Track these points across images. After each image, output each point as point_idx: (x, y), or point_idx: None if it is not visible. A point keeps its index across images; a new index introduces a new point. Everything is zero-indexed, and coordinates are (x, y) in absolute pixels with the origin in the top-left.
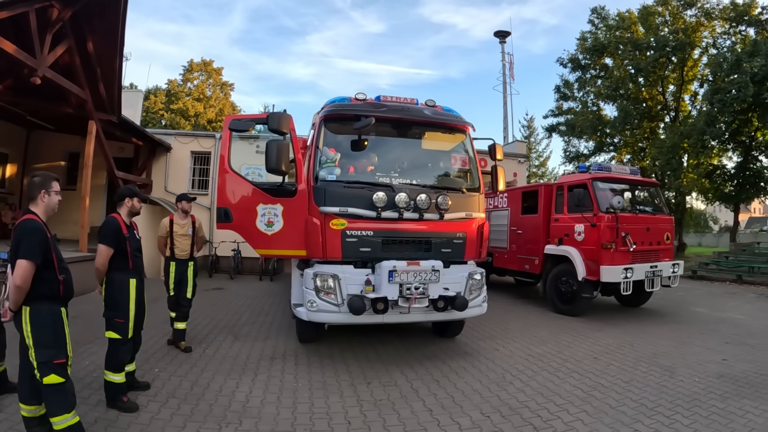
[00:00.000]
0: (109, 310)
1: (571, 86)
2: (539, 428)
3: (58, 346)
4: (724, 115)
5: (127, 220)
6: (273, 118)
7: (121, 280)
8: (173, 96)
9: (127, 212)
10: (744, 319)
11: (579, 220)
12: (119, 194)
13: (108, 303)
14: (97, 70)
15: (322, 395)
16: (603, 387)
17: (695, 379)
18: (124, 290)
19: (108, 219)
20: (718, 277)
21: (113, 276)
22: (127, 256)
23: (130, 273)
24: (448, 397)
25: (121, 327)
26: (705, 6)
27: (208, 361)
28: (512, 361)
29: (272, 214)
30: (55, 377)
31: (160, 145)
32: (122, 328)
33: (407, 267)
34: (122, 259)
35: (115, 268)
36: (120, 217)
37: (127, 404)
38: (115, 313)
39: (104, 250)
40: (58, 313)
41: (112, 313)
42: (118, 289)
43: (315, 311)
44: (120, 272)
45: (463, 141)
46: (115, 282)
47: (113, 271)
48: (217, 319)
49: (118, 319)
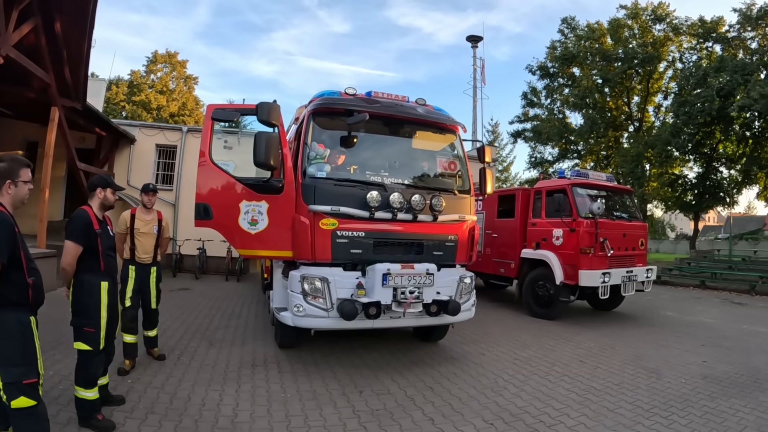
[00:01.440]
0: (78, 318)
1: (538, 93)
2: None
3: (27, 363)
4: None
5: (99, 214)
6: (263, 109)
7: (92, 283)
8: (135, 87)
9: (99, 205)
10: (714, 323)
11: (557, 224)
12: (91, 183)
13: (76, 309)
14: (64, 53)
15: (314, 406)
16: (596, 390)
17: (682, 381)
18: (94, 294)
19: (77, 212)
20: (681, 282)
21: (82, 278)
22: (99, 255)
23: (102, 275)
24: (446, 405)
25: (92, 337)
26: (674, 21)
27: (185, 370)
28: (500, 365)
29: (256, 211)
30: (25, 400)
31: (123, 136)
32: (93, 338)
33: (401, 270)
34: (93, 258)
35: (85, 268)
36: (91, 210)
37: (102, 423)
38: (84, 321)
39: (72, 248)
40: (27, 323)
41: (82, 320)
42: (88, 293)
43: (302, 316)
44: (90, 274)
45: (454, 142)
46: (84, 285)
47: (82, 272)
48: (188, 322)
49: (88, 328)
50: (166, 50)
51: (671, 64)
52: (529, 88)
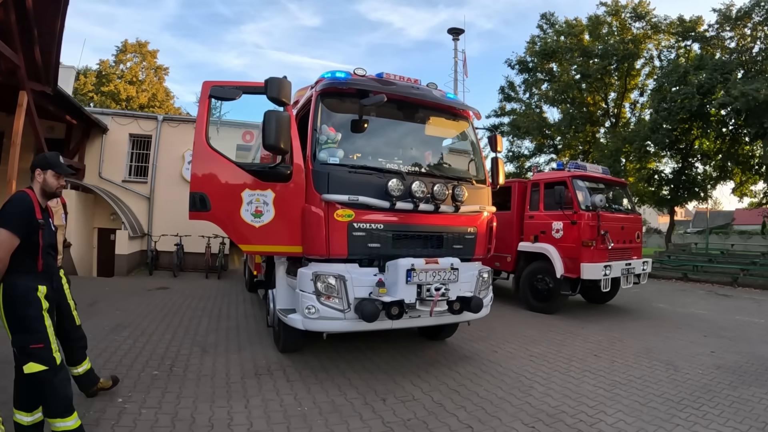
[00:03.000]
0: (18, 335)
1: (515, 88)
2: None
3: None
4: (668, 122)
5: (42, 202)
6: (273, 85)
7: (26, 287)
8: (104, 78)
9: (39, 191)
10: (707, 314)
11: (557, 217)
12: (32, 164)
13: (12, 324)
14: (35, 32)
15: (339, 420)
16: (621, 385)
17: (699, 371)
18: (31, 302)
19: (18, 194)
20: (663, 275)
21: (14, 282)
22: (38, 252)
23: (39, 278)
24: (479, 409)
25: (43, 354)
26: (653, 20)
27: (181, 384)
28: (517, 363)
29: (261, 201)
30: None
31: (95, 125)
32: (45, 355)
33: (426, 265)
34: (29, 256)
35: (18, 269)
36: (34, 195)
37: None
38: (27, 336)
39: (7, 239)
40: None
41: (24, 337)
42: (23, 302)
43: (315, 319)
44: (24, 276)
45: (468, 129)
46: (17, 291)
47: (15, 274)
48: (174, 325)
49: (36, 345)
50: (136, 40)
51: (648, 61)
52: (507, 82)
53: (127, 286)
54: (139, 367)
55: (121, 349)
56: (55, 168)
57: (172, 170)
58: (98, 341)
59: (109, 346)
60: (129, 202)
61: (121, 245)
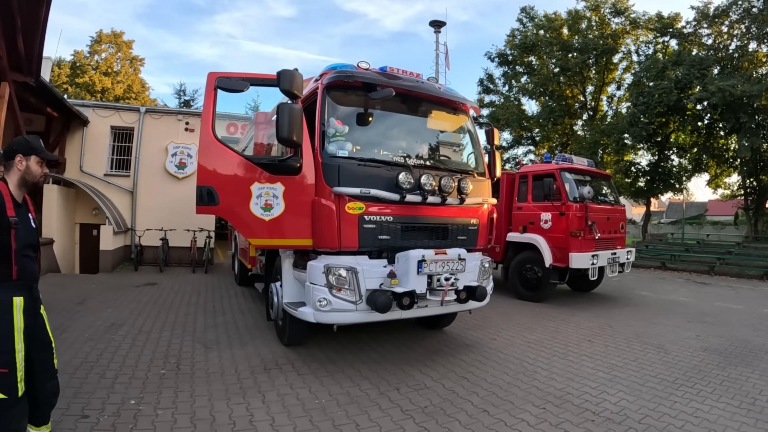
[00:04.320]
0: None
1: (494, 81)
2: (598, 412)
3: None
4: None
5: (17, 195)
6: (285, 77)
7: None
8: (79, 69)
9: (18, 180)
10: (689, 301)
11: (546, 208)
12: (8, 148)
13: None
14: (17, 20)
15: (358, 411)
16: (618, 367)
17: (688, 354)
18: (2, 317)
19: None
20: (642, 264)
21: None
22: (10, 255)
23: (13, 287)
24: (491, 394)
25: (5, 381)
26: (632, 15)
27: (192, 382)
28: (517, 349)
29: (271, 195)
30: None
31: (76, 117)
32: (6, 383)
33: (436, 256)
34: (1, 261)
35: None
36: (6, 188)
37: None
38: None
39: None
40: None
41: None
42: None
43: (327, 311)
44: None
45: (467, 122)
46: None
47: None
48: (170, 322)
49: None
50: (111, 30)
51: (626, 56)
52: (486, 75)
53: (114, 282)
54: (144, 367)
55: (122, 348)
56: (40, 153)
57: (156, 163)
58: (96, 341)
59: (109, 346)
60: (112, 197)
61: (106, 241)
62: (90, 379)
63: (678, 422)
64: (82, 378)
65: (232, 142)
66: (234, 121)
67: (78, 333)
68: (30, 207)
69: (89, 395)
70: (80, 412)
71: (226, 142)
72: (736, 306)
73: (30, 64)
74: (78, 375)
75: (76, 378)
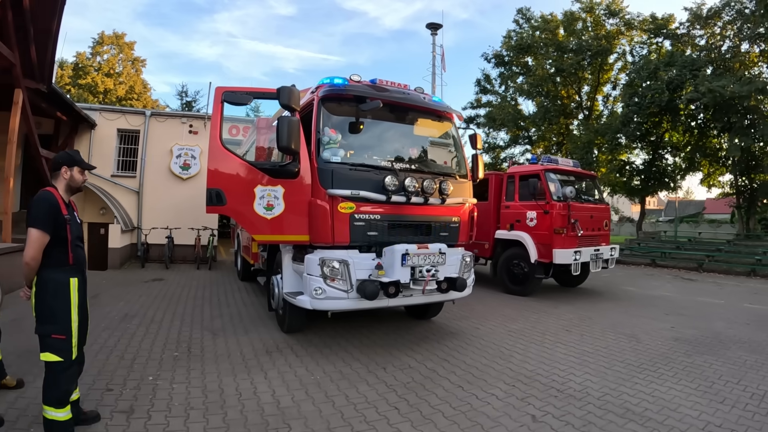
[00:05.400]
0: (44, 324)
1: (491, 81)
2: (562, 390)
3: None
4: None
5: (66, 198)
6: (284, 93)
7: (58, 281)
8: (81, 70)
9: (65, 186)
10: (671, 296)
11: (531, 207)
12: (54, 161)
13: (41, 314)
14: (31, 31)
15: (348, 385)
16: (589, 353)
17: (659, 342)
18: (62, 295)
19: (41, 194)
20: (633, 261)
21: (47, 275)
22: (67, 246)
23: (70, 270)
24: (467, 374)
25: (62, 346)
26: (626, 17)
27: (202, 362)
28: (498, 337)
29: (272, 196)
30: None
31: (84, 121)
32: (64, 348)
33: (418, 250)
34: (60, 250)
35: (51, 263)
36: (57, 193)
37: None
38: (51, 327)
39: (38, 237)
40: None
41: (48, 327)
42: (53, 294)
43: (323, 299)
44: (56, 269)
45: (451, 129)
46: (49, 283)
47: (47, 267)
48: (179, 313)
49: (57, 335)
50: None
51: (621, 56)
52: (483, 75)
53: (123, 278)
54: (158, 350)
55: (137, 335)
56: (81, 164)
57: (161, 164)
58: (112, 330)
59: (125, 334)
60: (118, 197)
61: (114, 239)
62: (111, 361)
63: (635, 400)
64: (103, 360)
65: (235, 143)
66: (236, 124)
67: (94, 323)
68: (74, 207)
69: (111, 373)
70: (105, 386)
71: (229, 143)
72: (717, 301)
73: (42, 71)
74: (99, 357)
75: (98, 360)
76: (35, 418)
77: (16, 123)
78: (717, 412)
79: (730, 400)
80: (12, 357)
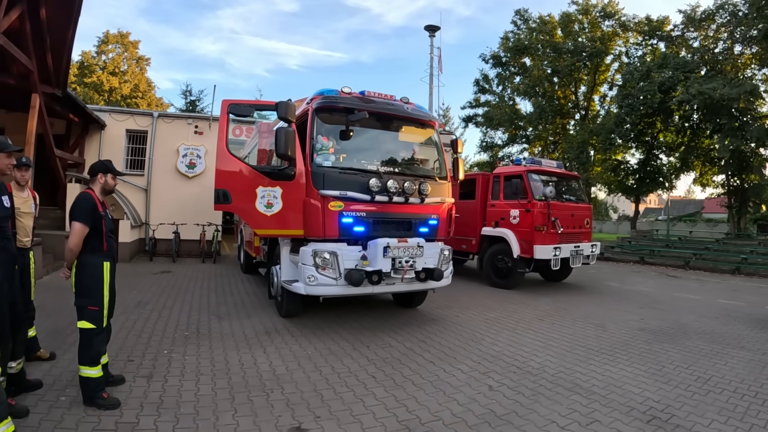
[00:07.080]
0: (82, 298)
1: (489, 81)
2: (522, 367)
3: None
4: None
5: (101, 198)
6: (282, 107)
7: (95, 264)
8: (86, 69)
9: (100, 189)
10: (650, 291)
11: (515, 206)
12: (92, 169)
13: (80, 289)
14: (47, 39)
15: (335, 359)
16: (555, 339)
17: (623, 332)
18: (97, 275)
19: (83, 195)
20: (623, 258)
21: (86, 259)
22: (102, 236)
23: (104, 255)
24: (440, 353)
25: (96, 315)
26: (622, 19)
27: (209, 340)
28: (474, 324)
29: (272, 196)
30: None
31: (94, 122)
32: (97, 317)
33: (398, 243)
34: (96, 239)
35: (88, 250)
36: (95, 194)
37: (108, 401)
38: (88, 300)
39: (80, 229)
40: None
41: (85, 300)
42: (91, 274)
43: (315, 285)
44: (93, 255)
45: (433, 135)
46: (87, 266)
47: (86, 253)
48: (188, 301)
49: (92, 307)
50: (118, 30)
51: (617, 57)
52: (481, 75)
53: (133, 270)
54: (171, 331)
55: (151, 318)
56: (113, 171)
57: (168, 163)
58: (128, 314)
59: (140, 318)
60: (127, 194)
61: (124, 234)
62: (129, 339)
63: (585, 378)
64: (123, 338)
65: (238, 143)
66: (239, 125)
67: None
68: (107, 206)
69: (131, 348)
70: (126, 358)
71: (234, 143)
72: (694, 296)
73: (57, 77)
74: (120, 336)
75: (118, 338)
76: (69, 382)
77: (34, 125)
78: (659, 391)
79: (675, 381)
80: (42, 335)
